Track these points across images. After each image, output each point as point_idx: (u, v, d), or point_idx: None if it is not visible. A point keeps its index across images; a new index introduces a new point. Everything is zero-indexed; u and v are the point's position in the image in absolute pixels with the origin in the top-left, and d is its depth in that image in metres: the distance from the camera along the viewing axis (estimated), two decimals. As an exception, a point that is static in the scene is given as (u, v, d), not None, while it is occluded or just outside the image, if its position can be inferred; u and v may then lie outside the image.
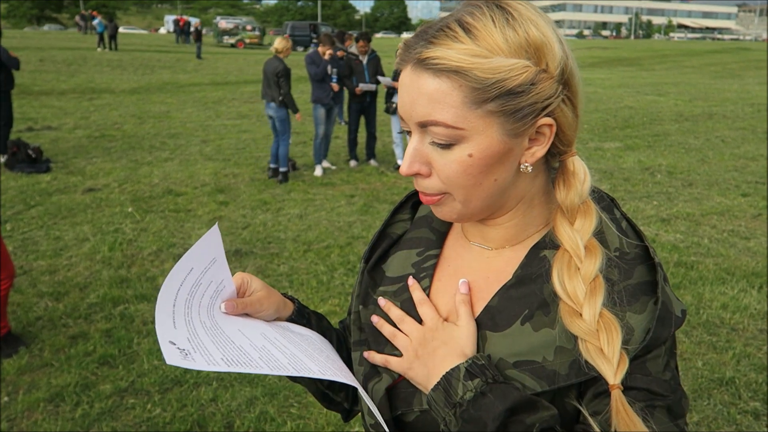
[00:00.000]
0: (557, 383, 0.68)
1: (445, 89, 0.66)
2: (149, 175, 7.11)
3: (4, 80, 7.24)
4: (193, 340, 0.75)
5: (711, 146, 9.54)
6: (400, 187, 6.85)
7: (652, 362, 0.69)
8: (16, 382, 2.99)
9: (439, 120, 0.67)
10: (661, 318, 0.68)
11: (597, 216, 0.74)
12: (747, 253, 4.87)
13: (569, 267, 0.71)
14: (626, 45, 51.71)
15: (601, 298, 0.68)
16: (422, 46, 0.67)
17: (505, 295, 0.74)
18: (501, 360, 0.71)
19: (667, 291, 0.71)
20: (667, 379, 0.69)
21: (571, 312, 0.69)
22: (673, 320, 0.69)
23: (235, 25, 40.14)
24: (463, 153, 0.68)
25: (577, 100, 0.71)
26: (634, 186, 6.99)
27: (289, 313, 0.91)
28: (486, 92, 0.65)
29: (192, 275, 0.82)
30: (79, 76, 17.34)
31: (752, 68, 27.37)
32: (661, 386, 0.69)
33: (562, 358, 0.69)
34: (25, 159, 7.08)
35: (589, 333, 0.67)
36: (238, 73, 20.81)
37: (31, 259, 4.52)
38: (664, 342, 0.69)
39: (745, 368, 3.18)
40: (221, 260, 0.84)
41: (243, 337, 0.79)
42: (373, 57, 7.68)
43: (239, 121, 11.38)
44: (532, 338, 0.70)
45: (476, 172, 0.69)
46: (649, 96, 16.35)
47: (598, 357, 0.66)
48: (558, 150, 0.74)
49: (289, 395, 2.92)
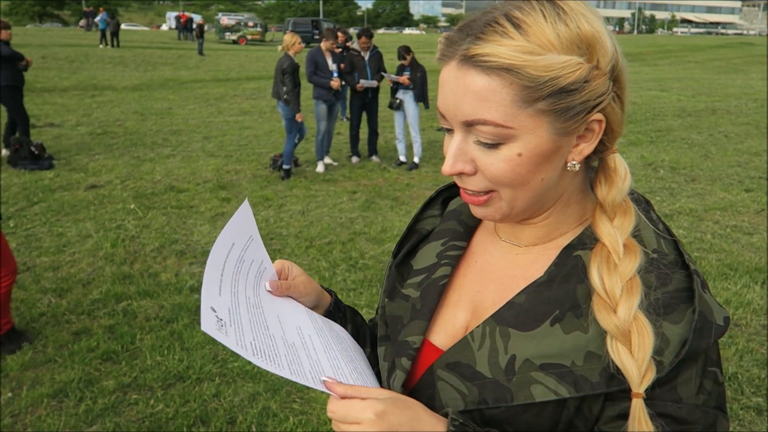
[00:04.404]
0: (585, 390, 0.65)
1: (494, 87, 0.63)
2: (151, 171, 7.12)
3: (11, 76, 7.26)
4: (234, 313, 0.74)
5: (714, 142, 9.51)
6: (402, 183, 6.85)
7: (683, 386, 0.65)
8: (19, 378, 3.00)
9: (487, 119, 0.64)
10: (699, 329, 0.64)
11: (636, 215, 0.71)
12: (750, 248, 4.86)
13: (608, 263, 0.68)
14: (629, 40, 51.53)
15: (638, 299, 0.65)
16: (470, 42, 0.64)
17: (534, 293, 0.72)
18: (527, 361, 0.68)
19: (706, 299, 0.67)
20: (700, 403, 0.65)
21: (606, 307, 0.66)
22: (713, 330, 0.65)
23: (237, 21, 40.07)
24: (512, 152, 0.66)
25: (624, 95, 0.70)
26: (637, 182, 6.97)
27: (327, 305, 0.92)
28: (538, 90, 0.63)
29: (235, 250, 0.82)
30: (81, 73, 17.36)
31: (756, 63, 27.24)
32: (691, 414, 0.64)
33: (592, 365, 0.65)
34: (27, 156, 7.09)
35: (621, 331, 0.64)
36: (240, 69, 20.79)
37: (34, 255, 4.53)
38: (701, 355, 0.65)
39: (748, 364, 3.18)
40: (257, 239, 0.86)
41: (279, 326, 0.78)
42: (375, 53, 7.67)
43: (241, 117, 11.37)
44: (562, 341, 0.67)
45: (525, 171, 0.67)
46: (652, 91, 16.30)
47: (627, 359, 0.63)
48: (603, 147, 0.71)
49: (292, 391, 2.92)
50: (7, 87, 7.31)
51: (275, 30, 60.16)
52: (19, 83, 7.45)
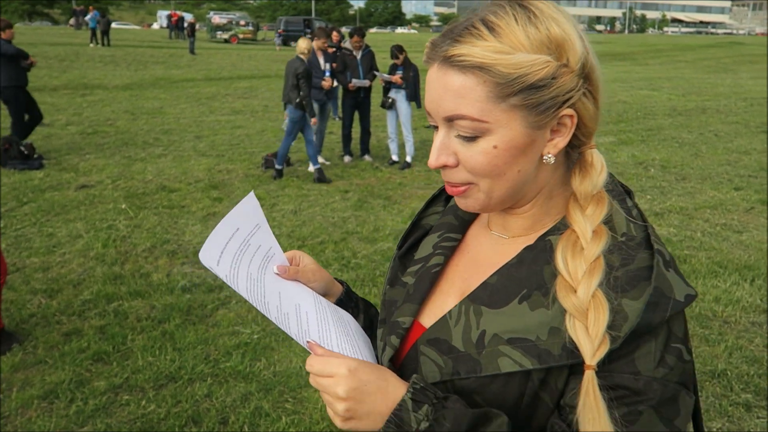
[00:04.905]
0: (548, 363, 0.69)
1: (470, 84, 0.69)
2: (143, 171, 7.09)
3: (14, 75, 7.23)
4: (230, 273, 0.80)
5: (704, 140, 9.58)
6: (394, 182, 6.85)
7: (642, 359, 0.67)
8: (9, 379, 2.98)
9: (465, 114, 0.70)
10: (653, 303, 0.67)
11: (609, 205, 0.75)
12: (739, 246, 4.90)
13: (574, 247, 0.72)
14: (620, 40, 51.77)
15: (599, 279, 0.69)
16: (448, 45, 0.70)
17: (505, 274, 0.77)
18: (495, 336, 0.73)
19: (667, 276, 0.69)
20: (659, 377, 0.67)
21: (568, 288, 0.70)
22: (670, 305, 0.67)
23: (229, 20, 39.93)
24: (488, 145, 0.71)
25: (597, 93, 0.74)
26: (628, 180, 7.01)
27: (338, 294, 0.98)
28: (509, 87, 0.68)
29: (239, 234, 0.84)
30: (71, 72, 17.24)
31: (745, 63, 27.45)
32: (648, 386, 0.67)
33: (555, 339, 0.69)
34: (17, 155, 7.04)
35: (579, 310, 0.68)
36: (232, 68, 20.73)
37: (24, 256, 4.50)
38: (662, 330, 0.68)
39: (737, 360, 3.20)
40: (265, 227, 0.89)
41: (277, 299, 0.83)
42: (367, 52, 7.67)
43: (233, 116, 11.34)
44: (528, 317, 0.72)
45: (501, 163, 0.72)
46: (642, 91, 16.39)
47: (582, 334, 0.67)
48: (579, 142, 0.76)
49: (284, 390, 2.92)
50: (10, 87, 7.28)
51: (267, 29, 59.98)
52: (22, 82, 7.42)
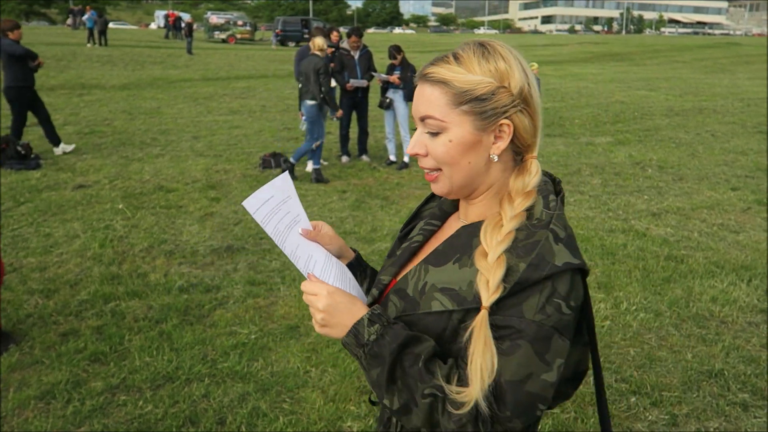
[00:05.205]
0: (464, 306, 0.93)
1: (436, 94, 0.97)
2: (140, 171, 7.07)
3: (21, 76, 7.23)
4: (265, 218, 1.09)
5: (701, 141, 9.60)
6: (392, 182, 6.85)
7: (527, 306, 0.89)
8: (6, 379, 2.97)
9: (431, 114, 0.97)
10: (533, 264, 0.89)
11: (534, 199, 0.97)
12: (736, 246, 4.91)
13: (496, 225, 0.96)
14: (618, 40, 51.85)
15: (505, 247, 0.92)
16: (427, 67, 1.00)
17: (448, 243, 1.03)
18: (432, 286, 0.98)
19: (555, 248, 0.91)
20: (537, 320, 0.88)
21: (483, 253, 0.93)
22: (548, 268, 0.89)
23: (226, 20, 39.88)
24: (446, 139, 0.97)
25: (535, 115, 0.98)
26: (625, 180, 7.03)
27: (350, 259, 1.26)
28: (462, 96, 0.95)
29: (273, 201, 1.11)
30: (68, 71, 17.21)
31: (742, 63, 27.52)
32: (527, 326, 0.88)
33: (471, 289, 0.93)
34: (14, 155, 7.02)
35: (486, 269, 0.91)
36: (230, 68, 20.71)
37: (21, 256, 4.49)
38: (546, 287, 0.89)
39: (734, 360, 3.21)
40: (295, 199, 1.15)
41: (295, 247, 1.11)
42: (365, 52, 7.67)
43: (230, 116, 11.33)
44: (457, 274, 0.96)
45: (455, 154, 0.98)
46: (640, 91, 16.42)
47: (483, 286, 0.90)
48: (520, 150, 1.00)
49: (281, 391, 2.92)
50: (16, 87, 7.29)
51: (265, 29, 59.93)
52: (29, 83, 7.42)
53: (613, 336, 3.47)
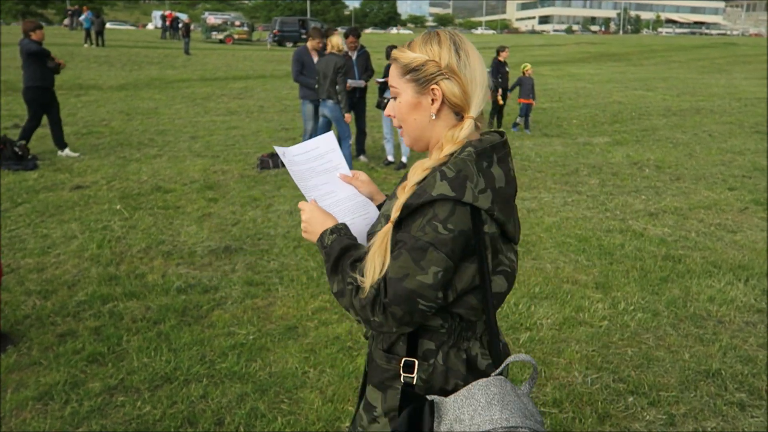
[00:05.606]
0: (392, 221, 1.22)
1: (392, 69, 1.32)
2: (138, 172, 7.07)
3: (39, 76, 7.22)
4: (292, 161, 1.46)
5: (698, 141, 9.62)
6: (390, 183, 6.85)
7: (414, 226, 1.18)
8: (4, 380, 2.96)
9: (391, 84, 1.32)
10: (416, 194, 1.18)
11: (459, 147, 1.23)
12: (734, 246, 4.92)
13: (421, 165, 1.25)
14: (615, 40, 51.92)
15: (417, 180, 1.22)
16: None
17: (399, 185, 1.30)
18: (383, 213, 1.32)
19: (437, 183, 1.16)
20: (419, 236, 1.17)
21: (402, 190, 1.23)
22: (425, 196, 1.16)
23: (224, 20, 39.82)
24: (398, 102, 1.32)
25: (465, 84, 1.24)
26: (623, 180, 7.04)
27: (380, 202, 1.53)
28: (404, 69, 1.29)
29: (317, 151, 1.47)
30: (65, 72, 17.13)
31: (739, 63, 27.59)
32: (409, 239, 1.18)
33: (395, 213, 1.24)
34: (11, 156, 7.01)
35: (400, 201, 1.20)
36: (227, 69, 20.70)
37: (18, 257, 4.48)
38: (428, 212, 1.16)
39: (732, 360, 3.22)
40: (338, 151, 1.49)
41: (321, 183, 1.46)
42: (363, 53, 7.66)
43: (228, 117, 11.32)
44: (392, 204, 1.27)
45: (404, 112, 1.31)
46: (637, 91, 16.45)
47: (395, 209, 1.21)
48: (458, 110, 1.27)
49: (280, 391, 2.92)
50: (33, 87, 7.29)
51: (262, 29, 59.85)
52: (47, 84, 7.41)
53: (611, 336, 3.48)
